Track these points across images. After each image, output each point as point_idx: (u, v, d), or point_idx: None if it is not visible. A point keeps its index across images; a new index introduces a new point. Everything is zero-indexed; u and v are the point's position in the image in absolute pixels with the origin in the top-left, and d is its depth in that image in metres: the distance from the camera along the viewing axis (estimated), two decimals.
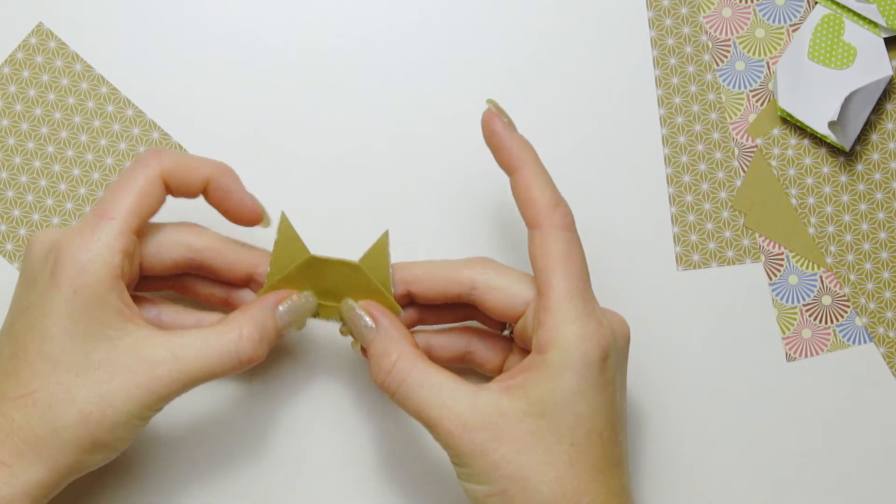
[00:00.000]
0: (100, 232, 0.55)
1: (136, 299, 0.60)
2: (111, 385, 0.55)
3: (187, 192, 0.58)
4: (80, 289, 0.54)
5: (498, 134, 0.58)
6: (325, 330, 0.65)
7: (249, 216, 0.59)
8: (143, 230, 0.58)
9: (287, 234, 0.59)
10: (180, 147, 0.66)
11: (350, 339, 0.61)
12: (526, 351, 0.58)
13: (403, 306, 0.60)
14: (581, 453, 0.55)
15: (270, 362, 0.65)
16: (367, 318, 0.58)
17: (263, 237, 0.60)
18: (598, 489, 0.55)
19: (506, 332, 0.62)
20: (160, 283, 0.62)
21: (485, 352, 0.61)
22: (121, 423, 0.55)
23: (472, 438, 0.55)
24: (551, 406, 0.55)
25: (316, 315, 0.60)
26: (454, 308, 0.62)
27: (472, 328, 0.62)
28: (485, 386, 0.56)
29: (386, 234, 0.59)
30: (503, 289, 0.58)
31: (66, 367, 0.55)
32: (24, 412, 0.55)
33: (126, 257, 0.56)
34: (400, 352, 0.57)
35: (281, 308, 0.58)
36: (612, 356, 0.56)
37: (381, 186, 0.66)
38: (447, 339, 0.62)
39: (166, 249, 0.58)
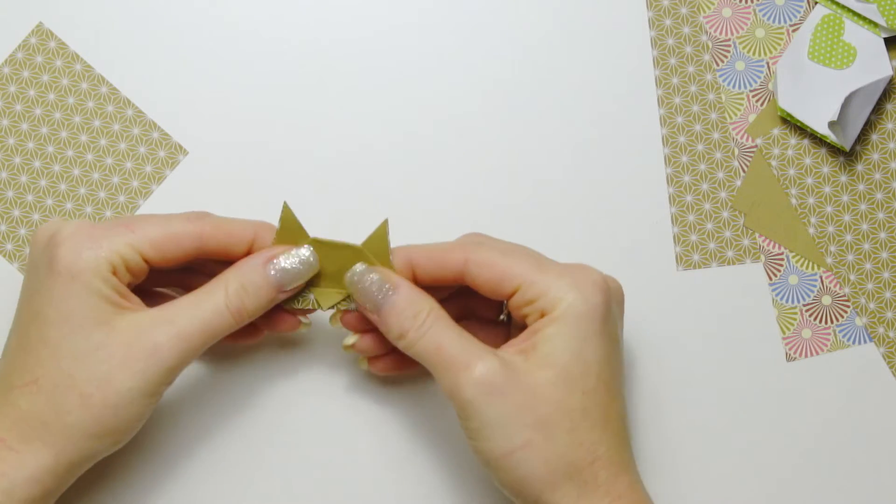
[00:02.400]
0: (112, 233, 0.57)
1: (149, 294, 0.61)
2: (110, 365, 0.55)
3: (227, 258, 0.59)
4: (77, 274, 0.55)
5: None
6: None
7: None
8: (152, 260, 0.58)
9: (289, 222, 0.59)
10: (180, 147, 0.66)
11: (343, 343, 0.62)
12: (524, 329, 0.59)
13: None
14: (592, 402, 0.56)
15: (270, 355, 0.66)
16: (385, 282, 0.58)
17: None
18: (610, 440, 0.56)
19: (502, 317, 0.63)
20: (164, 278, 0.62)
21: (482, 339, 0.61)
22: (124, 404, 0.56)
23: (493, 381, 0.55)
24: (562, 356, 0.56)
25: (317, 305, 0.60)
26: (453, 299, 0.62)
27: (470, 322, 0.62)
28: (500, 349, 0.57)
29: (385, 222, 0.59)
30: (493, 265, 0.58)
31: (66, 351, 0.55)
32: (29, 399, 0.55)
33: (125, 267, 0.56)
34: (431, 306, 0.58)
35: (270, 266, 0.58)
36: (611, 304, 0.57)
37: (381, 186, 0.66)
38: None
39: (175, 244, 0.58)
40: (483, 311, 0.62)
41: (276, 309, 0.60)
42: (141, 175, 0.66)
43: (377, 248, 0.59)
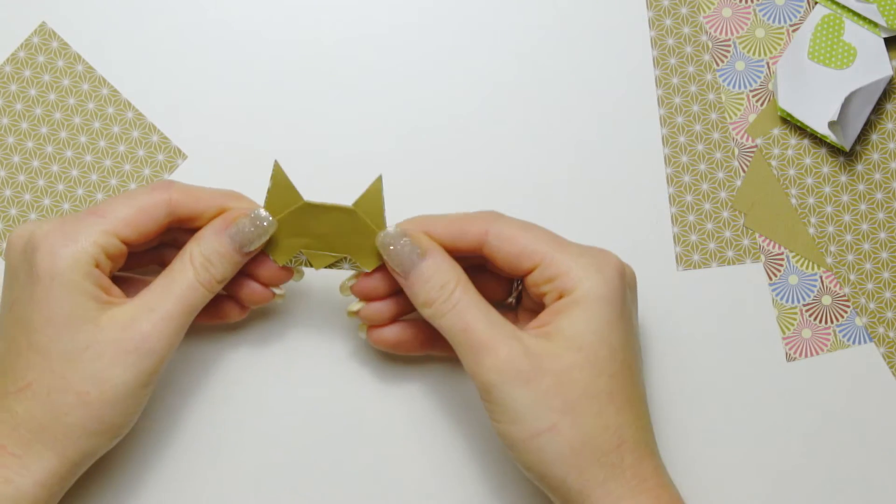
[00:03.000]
0: (84, 225, 0.57)
1: (124, 281, 0.61)
2: (102, 362, 0.55)
3: (197, 222, 0.59)
4: (56, 275, 0.55)
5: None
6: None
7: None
8: (128, 239, 0.58)
9: (280, 181, 0.59)
10: (179, 151, 0.66)
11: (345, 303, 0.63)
12: (534, 311, 0.59)
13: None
14: (618, 385, 0.56)
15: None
16: (416, 246, 0.58)
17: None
18: (635, 423, 0.56)
19: (511, 300, 0.63)
20: (141, 257, 0.62)
21: None
22: (121, 397, 0.56)
23: (519, 366, 0.55)
24: (588, 339, 0.56)
25: (309, 264, 0.60)
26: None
27: None
28: (525, 331, 0.57)
29: (379, 179, 0.59)
30: (513, 239, 0.58)
31: (56, 354, 0.55)
32: (25, 404, 0.55)
33: (105, 255, 0.57)
34: (459, 278, 0.58)
35: (227, 232, 0.58)
36: (629, 288, 0.58)
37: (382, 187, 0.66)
38: None
39: (147, 216, 0.58)
40: (491, 292, 0.62)
41: (248, 282, 0.60)
42: (139, 178, 0.66)
43: (371, 208, 0.59)
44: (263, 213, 0.58)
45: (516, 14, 0.67)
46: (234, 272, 0.59)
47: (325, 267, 0.60)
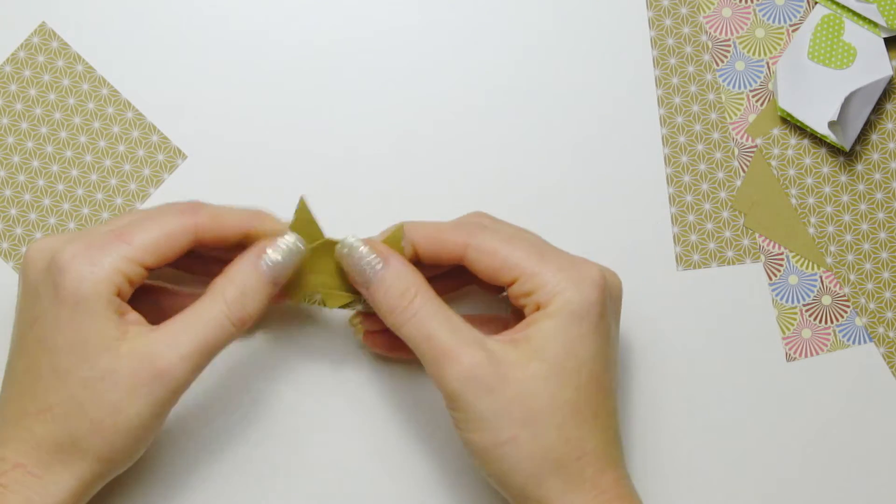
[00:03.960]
0: (110, 250, 0.56)
1: (143, 289, 0.61)
2: (117, 393, 0.55)
3: (223, 246, 0.59)
4: (80, 301, 0.55)
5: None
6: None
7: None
8: (151, 265, 0.57)
9: (304, 216, 0.58)
10: (179, 151, 0.66)
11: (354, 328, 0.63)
12: (522, 317, 0.59)
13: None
14: (583, 398, 0.56)
15: (271, 349, 0.65)
16: (375, 255, 0.58)
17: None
18: (598, 436, 0.56)
19: (505, 294, 0.63)
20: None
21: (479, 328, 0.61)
22: (134, 427, 0.56)
23: (482, 375, 0.55)
24: (555, 351, 0.56)
25: (323, 303, 0.60)
26: (457, 276, 0.62)
27: (473, 292, 0.63)
28: (491, 337, 0.57)
29: (400, 226, 0.59)
30: (493, 252, 0.58)
31: (76, 380, 0.55)
32: (45, 426, 0.56)
33: (128, 282, 0.56)
34: (419, 286, 0.57)
35: (262, 263, 0.58)
36: (607, 301, 0.57)
37: (381, 187, 0.66)
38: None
39: (173, 243, 0.57)
40: (487, 284, 0.62)
41: None
42: (139, 178, 0.66)
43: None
44: (292, 238, 0.58)
45: (516, 14, 0.67)
46: (266, 307, 0.58)
47: (339, 307, 0.60)
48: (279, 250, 0.57)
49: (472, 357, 0.55)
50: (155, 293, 0.62)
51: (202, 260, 0.61)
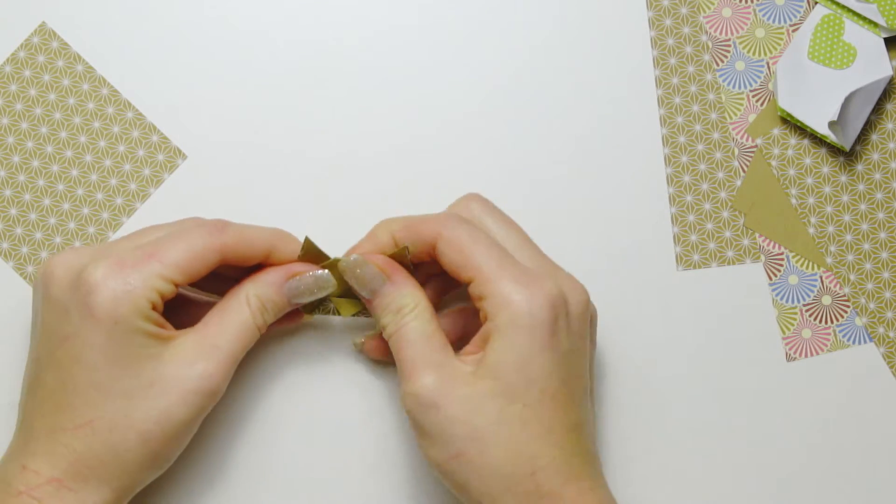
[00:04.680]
0: (143, 269, 0.57)
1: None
2: (169, 398, 0.56)
3: (244, 266, 0.60)
4: (118, 320, 0.55)
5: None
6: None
7: None
8: (180, 282, 0.58)
9: (310, 248, 0.60)
10: (179, 151, 0.66)
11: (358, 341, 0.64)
12: None
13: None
14: (534, 414, 0.56)
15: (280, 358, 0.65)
16: (378, 271, 0.60)
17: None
18: (553, 451, 0.56)
19: None
20: None
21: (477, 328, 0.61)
22: (179, 434, 0.57)
23: (429, 395, 0.56)
24: (503, 368, 0.56)
25: (337, 312, 0.62)
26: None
27: (467, 308, 0.63)
28: (453, 355, 0.58)
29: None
30: (459, 247, 0.58)
31: (119, 393, 0.56)
32: (84, 441, 0.56)
33: (160, 298, 0.57)
34: (414, 305, 0.59)
35: (289, 287, 0.60)
36: (561, 318, 0.57)
37: (381, 187, 0.66)
38: (445, 322, 0.63)
39: (200, 262, 0.58)
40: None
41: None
42: (139, 178, 0.66)
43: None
44: (324, 274, 0.60)
45: (516, 14, 0.67)
46: (273, 319, 0.60)
47: (352, 315, 0.62)
48: (310, 280, 0.60)
49: (425, 377, 0.56)
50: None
51: (213, 276, 0.62)
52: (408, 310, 0.58)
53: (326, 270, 0.60)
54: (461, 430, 0.56)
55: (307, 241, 0.60)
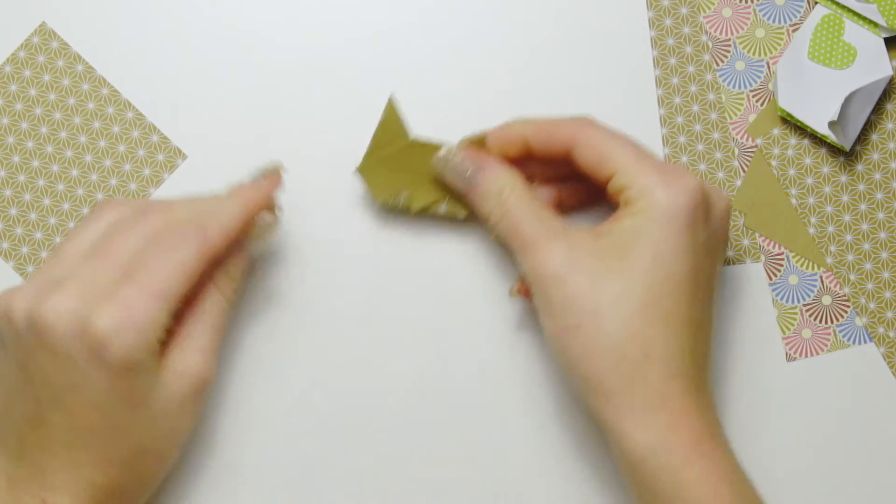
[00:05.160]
0: (150, 312, 0.55)
1: None
2: (173, 417, 0.58)
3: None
4: (132, 367, 0.55)
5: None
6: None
7: None
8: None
9: (391, 116, 0.62)
10: (179, 151, 0.66)
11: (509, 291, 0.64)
12: None
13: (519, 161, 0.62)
14: (655, 298, 0.56)
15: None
16: (467, 162, 0.61)
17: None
18: (669, 340, 0.56)
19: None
20: None
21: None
22: (185, 437, 0.60)
23: (555, 265, 0.57)
24: (632, 247, 0.56)
25: (407, 206, 0.64)
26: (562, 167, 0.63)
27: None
28: (577, 227, 0.58)
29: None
30: (596, 146, 0.59)
31: (134, 426, 0.56)
32: (106, 476, 0.57)
33: (164, 331, 0.57)
34: (513, 185, 0.60)
35: (249, 249, 0.61)
36: (699, 211, 0.57)
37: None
38: (562, 190, 0.64)
39: (194, 276, 0.58)
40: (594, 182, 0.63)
41: None
42: (139, 178, 0.66)
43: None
44: (268, 216, 0.60)
45: (516, 14, 0.67)
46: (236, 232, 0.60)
47: (421, 209, 0.63)
48: (261, 230, 0.61)
49: (550, 248, 0.57)
50: None
51: None
52: (509, 190, 0.59)
53: (272, 215, 0.61)
54: (582, 304, 0.56)
55: (389, 104, 0.62)
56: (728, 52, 0.67)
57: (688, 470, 0.55)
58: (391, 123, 0.62)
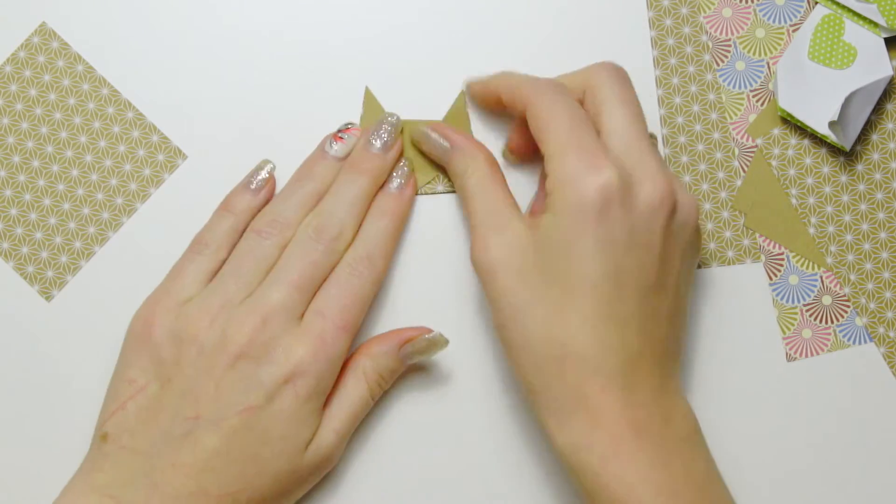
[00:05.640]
0: (340, 345, 0.59)
1: None
2: (296, 484, 0.59)
3: None
4: (311, 397, 0.58)
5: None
6: None
7: None
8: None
9: (371, 104, 0.65)
10: (179, 151, 0.66)
11: None
12: None
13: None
14: (570, 300, 0.55)
15: None
16: (442, 140, 0.63)
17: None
18: (587, 341, 0.55)
19: None
20: None
21: None
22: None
23: (490, 258, 0.57)
24: (551, 245, 0.56)
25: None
26: None
27: None
28: (517, 216, 0.59)
29: (462, 95, 0.64)
30: (536, 118, 0.59)
31: (271, 472, 0.58)
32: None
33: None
34: (474, 168, 0.61)
35: (403, 353, 0.62)
36: (615, 206, 0.55)
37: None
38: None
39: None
40: None
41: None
42: (139, 178, 0.66)
43: (459, 121, 0.65)
44: (439, 335, 0.62)
45: (516, 14, 0.67)
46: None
47: (422, 186, 0.65)
48: (422, 342, 0.61)
49: (488, 239, 0.58)
50: None
51: None
52: (469, 172, 0.61)
53: (439, 332, 0.61)
54: (509, 300, 0.57)
55: (367, 93, 0.64)
56: (728, 52, 0.67)
57: (607, 469, 0.55)
58: (373, 109, 0.64)
